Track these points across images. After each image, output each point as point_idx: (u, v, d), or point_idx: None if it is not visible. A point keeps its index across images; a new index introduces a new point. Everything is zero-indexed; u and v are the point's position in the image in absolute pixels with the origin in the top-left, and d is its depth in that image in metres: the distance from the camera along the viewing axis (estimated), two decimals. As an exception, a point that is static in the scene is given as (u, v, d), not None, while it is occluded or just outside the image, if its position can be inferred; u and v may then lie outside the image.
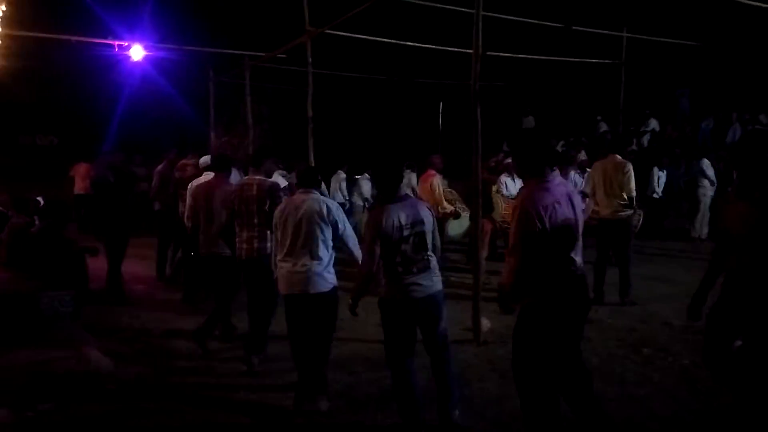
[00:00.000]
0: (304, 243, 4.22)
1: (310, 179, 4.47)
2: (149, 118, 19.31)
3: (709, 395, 4.31)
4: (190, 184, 6.37)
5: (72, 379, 4.72)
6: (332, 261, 4.34)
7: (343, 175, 11.99)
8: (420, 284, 3.76)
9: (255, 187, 5.00)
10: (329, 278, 4.29)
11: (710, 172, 11.25)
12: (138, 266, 8.82)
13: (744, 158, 3.33)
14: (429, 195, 8.07)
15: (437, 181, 8.13)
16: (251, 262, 5.00)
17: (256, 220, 4.97)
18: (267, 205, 4.90)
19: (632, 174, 6.98)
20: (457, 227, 8.35)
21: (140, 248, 8.80)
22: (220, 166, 5.90)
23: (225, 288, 5.52)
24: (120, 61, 11.61)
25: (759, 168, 3.26)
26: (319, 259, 4.23)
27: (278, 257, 4.36)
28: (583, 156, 10.48)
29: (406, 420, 3.79)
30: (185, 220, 6.21)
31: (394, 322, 3.82)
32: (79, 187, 13.44)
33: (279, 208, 4.43)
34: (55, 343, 5.24)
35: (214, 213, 5.52)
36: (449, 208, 8.19)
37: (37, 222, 6.63)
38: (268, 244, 4.88)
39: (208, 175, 6.18)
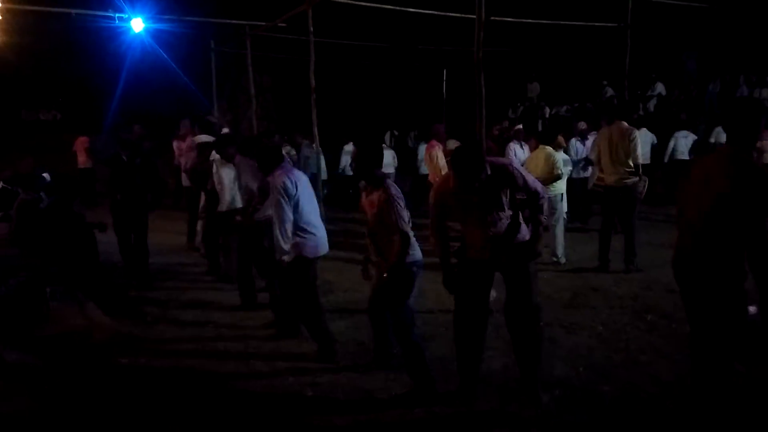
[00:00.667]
0: None
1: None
2: (151, 89, 19.20)
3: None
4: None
5: (86, 354, 4.83)
6: None
7: (351, 149, 12.07)
8: None
9: None
10: None
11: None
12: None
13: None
14: (430, 165, 8.13)
15: (436, 152, 8.09)
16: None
17: None
18: None
19: (638, 141, 6.95)
20: None
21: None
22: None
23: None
24: (120, 33, 11.51)
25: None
26: None
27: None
28: (583, 125, 10.40)
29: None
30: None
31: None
32: (81, 161, 13.46)
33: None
34: (69, 316, 5.34)
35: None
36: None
37: (44, 198, 6.67)
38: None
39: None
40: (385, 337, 4.47)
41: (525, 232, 3.87)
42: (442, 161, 8.13)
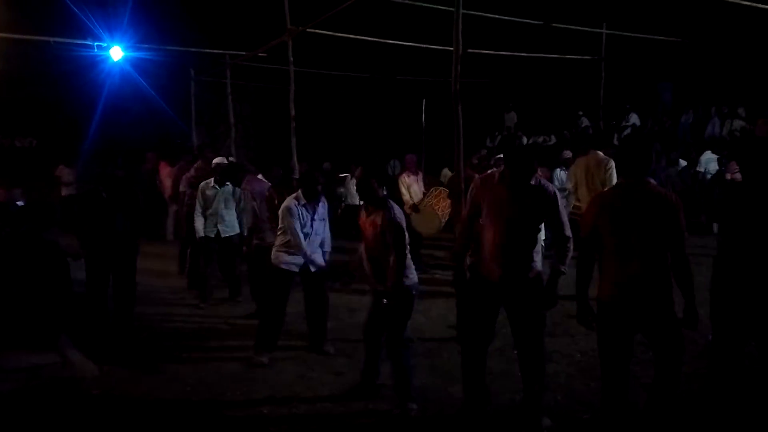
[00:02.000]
0: None
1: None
2: (129, 118, 19.09)
3: (686, 389, 4.39)
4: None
5: (57, 386, 4.70)
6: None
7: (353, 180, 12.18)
8: None
9: None
10: None
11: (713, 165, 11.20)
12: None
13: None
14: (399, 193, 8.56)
15: (403, 179, 8.66)
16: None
17: None
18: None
19: (614, 171, 7.05)
20: (422, 223, 8.37)
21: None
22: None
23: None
24: (99, 61, 11.51)
25: None
26: None
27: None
28: (568, 154, 10.57)
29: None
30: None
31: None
32: (64, 189, 13.21)
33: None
34: (40, 348, 5.22)
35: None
36: (408, 202, 8.34)
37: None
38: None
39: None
40: (376, 363, 4.47)
41: (538, 266, 3.88)
42: (413, 189, 8.43)
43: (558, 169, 10.20)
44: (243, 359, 5.27)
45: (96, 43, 10.25)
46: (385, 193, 4.26)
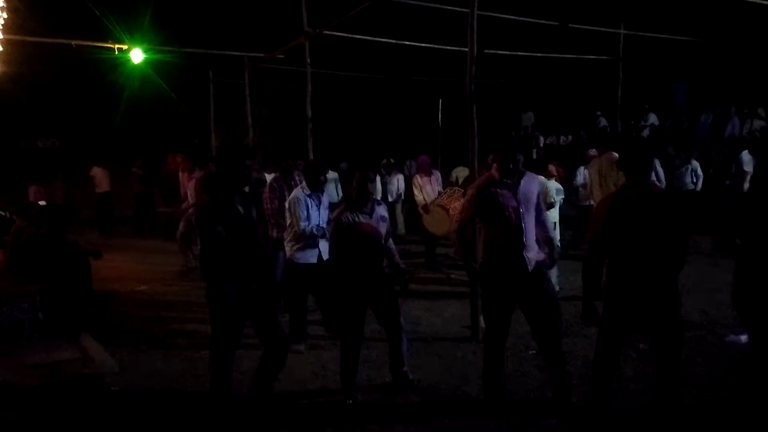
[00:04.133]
0: None
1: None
2: (149, 119, 19.39)
3: (702, 389, 4.39)
4: None
5: (78, 382, 4.82)
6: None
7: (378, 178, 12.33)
8: None
9: None
10: None
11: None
12: (142, 266, 8.95)
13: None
14: (416, 193, 8.76)
15: (416, 181, 8.80)
16: None
17: None
18: None
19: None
20: (433, 223, 8.41)
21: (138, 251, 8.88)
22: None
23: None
24: (120, 64, 11.68)
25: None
26: None
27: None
28: (593, 152, 10.50)
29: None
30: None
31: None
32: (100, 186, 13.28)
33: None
34: (61, 344, 5.35)
35: None
36: (421, 203, 8.50)
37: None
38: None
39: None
40: (400, 352, 4.57)
41: (540, 252, 4.09)
42: (426, 190, 8.49)
43: (582, 167, 10.22)
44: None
45: (117, 46, 10.40)
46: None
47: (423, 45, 10.62)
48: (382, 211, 4.52)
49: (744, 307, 3.69)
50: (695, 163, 11.22)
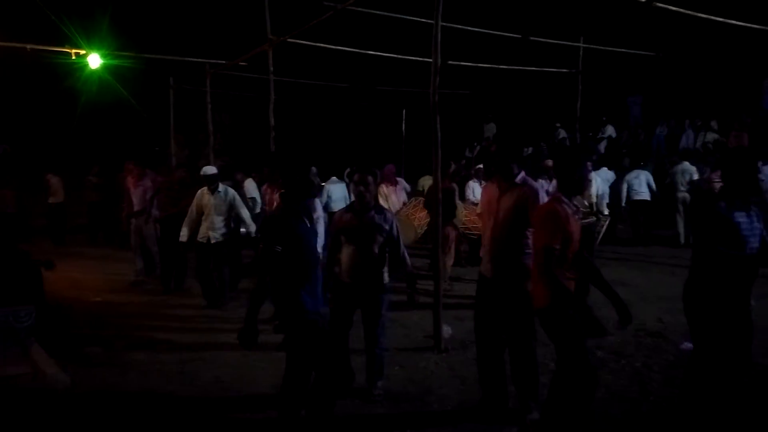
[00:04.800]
0: None
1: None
2: (107, 126, 18.96)
3: (660, 396, 4.47)
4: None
5: (27, 398, 4.63)
6: None
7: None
8: None
9: None
10: None
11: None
12: (97, 276, 8.70)
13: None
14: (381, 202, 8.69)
15: (382, 190, 8.91)
16: None
17: None
18: None
19: (592, 181, 7.17)
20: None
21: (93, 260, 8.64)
22: None
23: None
24: (77, 68, 11.41)
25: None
26: None
27: None
28: (550, 162, 10.67)
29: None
30: None
31: None
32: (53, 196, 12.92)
33: None
34: (13, 359, 5.14)
35: None
36: None
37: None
38: None
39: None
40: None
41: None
42: (391, 199, 8.52)
43: (541, 180, 10.32)
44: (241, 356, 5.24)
45: (74, 51, 10.15)
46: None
47: (387, 55, 10.68)
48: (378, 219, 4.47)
49: (688, 309, 3.79)
50: (648, 175, 11.52)
